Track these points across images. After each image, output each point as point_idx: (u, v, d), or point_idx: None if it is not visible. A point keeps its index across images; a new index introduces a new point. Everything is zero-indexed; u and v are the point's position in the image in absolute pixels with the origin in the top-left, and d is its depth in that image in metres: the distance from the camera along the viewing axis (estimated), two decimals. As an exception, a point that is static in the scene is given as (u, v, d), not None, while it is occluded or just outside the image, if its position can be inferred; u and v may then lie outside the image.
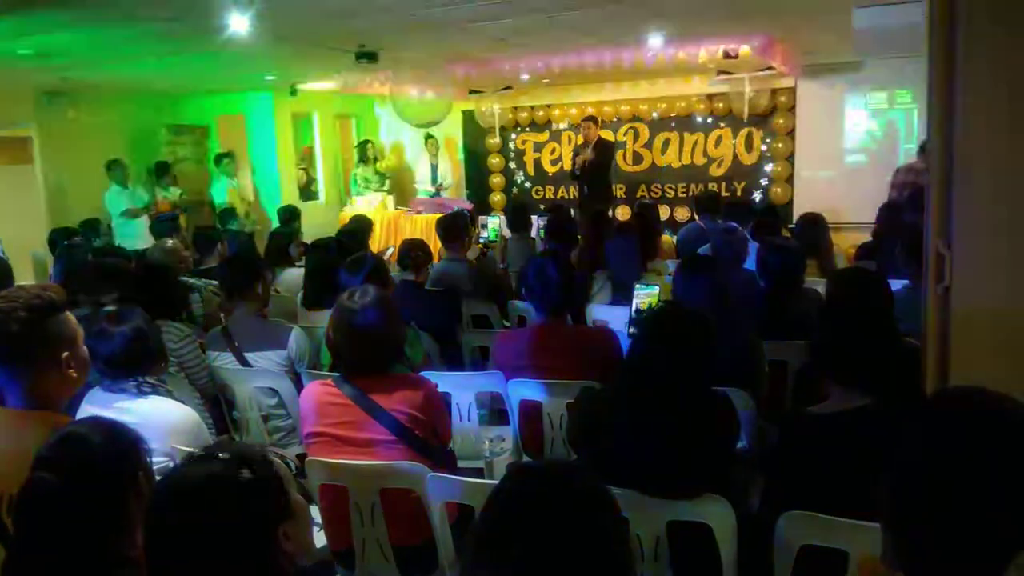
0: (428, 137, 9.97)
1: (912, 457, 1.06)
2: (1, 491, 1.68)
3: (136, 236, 7.67)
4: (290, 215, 7.01)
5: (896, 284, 3.43)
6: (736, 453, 2.53)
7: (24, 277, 6.43)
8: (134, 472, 1.53)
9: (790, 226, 6.31)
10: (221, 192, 8.84)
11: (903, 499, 1.05)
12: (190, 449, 2.15)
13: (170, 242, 4.69)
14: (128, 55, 6.24)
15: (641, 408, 2.04)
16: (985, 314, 2.05)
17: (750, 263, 4.67)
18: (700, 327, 2.12)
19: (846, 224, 8.02)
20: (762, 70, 8.11)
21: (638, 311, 3.44)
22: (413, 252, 4.11)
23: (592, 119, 8.85)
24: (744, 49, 6.78)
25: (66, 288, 3.89)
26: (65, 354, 1.88)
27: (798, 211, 8.07)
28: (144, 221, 7.84)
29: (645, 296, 3.48)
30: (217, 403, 3.39)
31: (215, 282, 4.15)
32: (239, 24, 5.14)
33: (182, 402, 2.52)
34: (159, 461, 2.04)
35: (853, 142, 8.73)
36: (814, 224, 4.77)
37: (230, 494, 1.21)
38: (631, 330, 3.29)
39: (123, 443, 1.58)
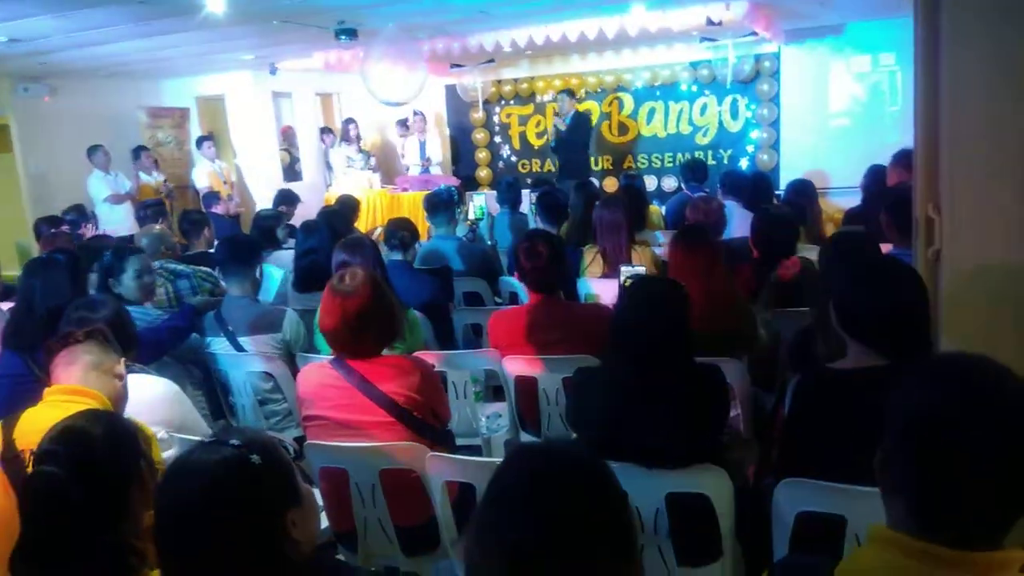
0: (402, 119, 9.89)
1: (921, 417, 1.05)
2: None
3: (121, 222, 7.58)
4: (284, 199, 6.75)
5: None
6: (730, 428, 2.56)
7: (9, 266, 6.37)
8: (136, 461, 1.54)
9: (777, 192, 6.30)
10: (202, 175, 8.72)
11: (917, 458, 1.04)
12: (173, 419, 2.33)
13: (157, 227, 4.63)
14: (104, 38, 6.13)
15: (627, 381, 2.06)
16: (974, 277, 2.07)
17: (736, 231, 4.68)
18: (671, 296, 2.15)
19: (833, 188, 8.05)
20: (745, 36, 8.05)
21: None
22: (400, 231, 4.07)
23: (569, 91, 8.94)
24: (727, 14, 6.73)
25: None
26: None
27: (784, 176, 8.10)
28: (129, 207, 7.74)
29: (631, 277, 3.48)
30: (213, 389, 3.38)
31: (205, 268, 4.11)
32: (214, 3, 5.05)
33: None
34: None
35: (838, 106, 8.71)
36: (803, 191, 4.78)
37: (241, 478, 1.21)
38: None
39: (123, 433, 1.58)
